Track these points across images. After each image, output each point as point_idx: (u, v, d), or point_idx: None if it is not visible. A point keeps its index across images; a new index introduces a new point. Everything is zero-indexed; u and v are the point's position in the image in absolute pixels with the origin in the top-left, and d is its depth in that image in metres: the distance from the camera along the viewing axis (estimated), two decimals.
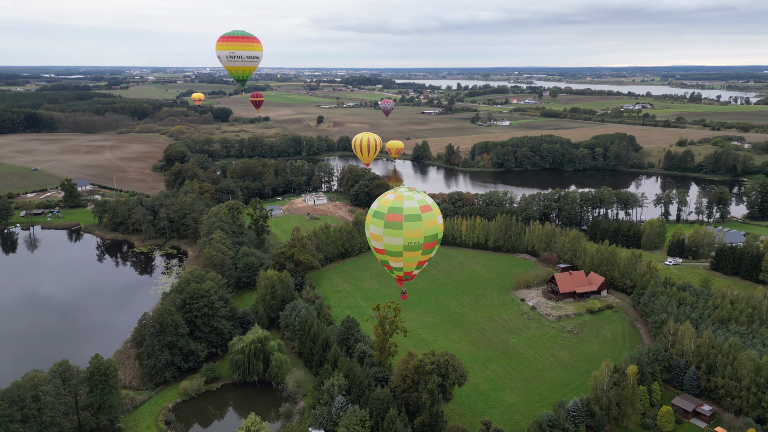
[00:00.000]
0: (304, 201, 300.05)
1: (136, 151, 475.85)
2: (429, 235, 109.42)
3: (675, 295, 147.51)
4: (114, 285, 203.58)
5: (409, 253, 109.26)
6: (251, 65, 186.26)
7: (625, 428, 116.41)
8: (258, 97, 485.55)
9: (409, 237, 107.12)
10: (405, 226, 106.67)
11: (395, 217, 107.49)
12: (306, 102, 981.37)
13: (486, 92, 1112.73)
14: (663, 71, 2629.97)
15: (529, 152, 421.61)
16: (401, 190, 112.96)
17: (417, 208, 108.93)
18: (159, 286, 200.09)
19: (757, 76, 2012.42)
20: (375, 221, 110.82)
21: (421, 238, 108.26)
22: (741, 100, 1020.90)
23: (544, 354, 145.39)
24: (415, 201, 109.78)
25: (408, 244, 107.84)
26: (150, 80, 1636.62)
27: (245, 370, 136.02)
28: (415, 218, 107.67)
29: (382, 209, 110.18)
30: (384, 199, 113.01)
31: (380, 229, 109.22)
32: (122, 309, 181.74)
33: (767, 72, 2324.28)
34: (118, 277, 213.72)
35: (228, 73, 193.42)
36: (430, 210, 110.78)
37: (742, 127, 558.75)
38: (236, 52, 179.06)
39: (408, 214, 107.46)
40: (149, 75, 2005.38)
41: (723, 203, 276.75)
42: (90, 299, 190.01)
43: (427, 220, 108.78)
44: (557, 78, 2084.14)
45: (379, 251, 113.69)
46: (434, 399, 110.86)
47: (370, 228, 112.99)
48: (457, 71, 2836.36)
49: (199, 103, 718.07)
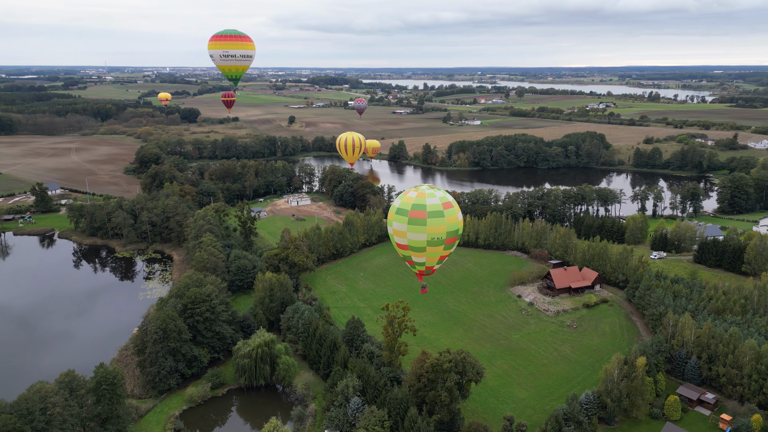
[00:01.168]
0: (287, 202, 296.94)
1: (104, 154, 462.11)
2: (451, 231, 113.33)
3: (669, 288, 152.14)
4: (100, 292, 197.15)
5: (432, 248, 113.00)
6: (244, 64, 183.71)
7: (634, 419, 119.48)
8: (229, 96, 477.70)
9: (432, 233, 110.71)
10: (428, 223, 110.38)
11: (419, 214, 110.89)
12: (274, 102, 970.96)
13: (453, 92, 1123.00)
14: (619, 71, 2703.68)
15: (504, 151, 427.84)
16: (423, 188, 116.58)
17: (439, 205, 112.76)
18: (147, 292, 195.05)
19: (708, 75, 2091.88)
20: (398, 218, 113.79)
21: (443, 233, 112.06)
22: (697, 99, 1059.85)
23: (547, 349, 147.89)
24: (437, 198, 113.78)
25: (431, 240, 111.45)
26: (108, 80, 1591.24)
27: (252, 374, 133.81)
28: (438, 215, 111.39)
29: (406, 206, 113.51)
30: (406, 196, 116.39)
31: (404, 225, 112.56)
32: (112, 317, 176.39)
33: (718, 72, 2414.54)
34: (102, 284, 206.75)
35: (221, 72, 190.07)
36: (451, 207, 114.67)
37: (703, 124, 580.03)
38: (230, 51, 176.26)
39: (431, 210, 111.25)
40: (106, 75, 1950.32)
41: (695, 198, 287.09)
42: (78, 307, 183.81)
43: (449, 217, 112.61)
44: (520, 78, 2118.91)
45: (402, 247, 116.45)
46: (453, 396, 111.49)
47: (393, 225, 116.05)
48: (421, 71, 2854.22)
49: (166, 103, 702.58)
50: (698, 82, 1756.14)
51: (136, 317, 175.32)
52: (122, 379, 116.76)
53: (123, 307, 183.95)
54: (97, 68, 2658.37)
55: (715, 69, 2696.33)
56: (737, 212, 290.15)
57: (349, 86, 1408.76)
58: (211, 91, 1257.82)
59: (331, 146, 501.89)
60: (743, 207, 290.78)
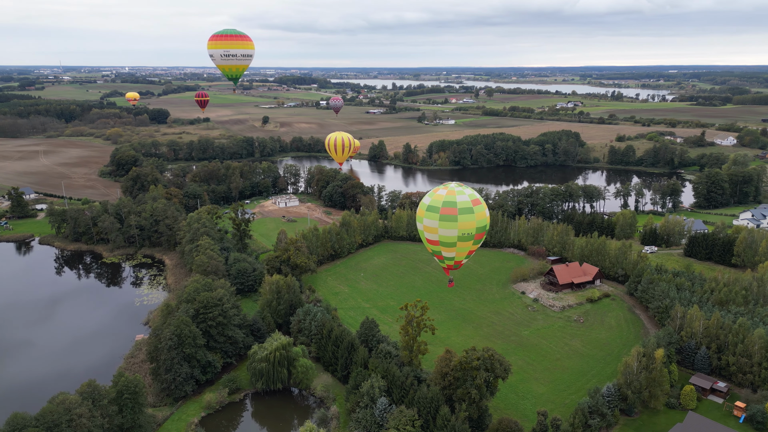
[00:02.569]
0: (275, 203, 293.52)
1: (75, 156, 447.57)
2: (480, 226, 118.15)
3: (672, 281, 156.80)
4: (93, 300, 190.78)
5: (462, 243, 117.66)
6: (245, 63, 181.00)
7: (652, 409, 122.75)
8: (203, 96, 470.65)
9: (463, 228, 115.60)
10: (459, 219, 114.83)
11: (450, 211, 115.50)
12: (243, 102, 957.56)
13: (423, 92, 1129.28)
14: (580, 71, 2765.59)
15: (483, 150, 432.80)
16: (452, 186, 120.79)
17: (469, 202, 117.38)
18: (143, 298, 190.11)
19: (665, 75, 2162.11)
20: (430, 215, 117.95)
21: (473, 229, 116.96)
22: (658, 98, 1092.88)
23: (558, 344, 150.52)
24: (466, 195, 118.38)
25: (462, 235, 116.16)
26: (66, 80, 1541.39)
27: (269, 378, 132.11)
28: (468, 211, 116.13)
29: (436, 203, 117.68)
30: (436, 194, 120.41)
31: (435, 222, 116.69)
32: (111, 325, 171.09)
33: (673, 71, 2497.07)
34: (93, 291, 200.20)
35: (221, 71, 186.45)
36: (479, 203, 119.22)
37: (669, 122, 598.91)
38: (231, 51, 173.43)
39: (461, 207, 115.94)
40: (63, 75, 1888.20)
41: (675, 194, 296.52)
42: (73, 316, 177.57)
43: (478, 213, 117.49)
44: (485, 78, 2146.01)
45: (433, 242, 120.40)
46: (482, 394, 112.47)
47: (424, 221, 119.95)
48: (387, 71, 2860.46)
49: (134, 103, 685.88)
50: (656, 81, 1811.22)
51: (135, 324, 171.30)
52: (143, 387, 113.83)
53: (120, 314, 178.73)
54: (51, 68, 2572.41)
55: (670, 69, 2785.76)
56: (713, 207, 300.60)
57: (318, 86, 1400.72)
58: (177, 91, 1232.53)
59: (310, 146, 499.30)
60: (719, 202, 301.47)
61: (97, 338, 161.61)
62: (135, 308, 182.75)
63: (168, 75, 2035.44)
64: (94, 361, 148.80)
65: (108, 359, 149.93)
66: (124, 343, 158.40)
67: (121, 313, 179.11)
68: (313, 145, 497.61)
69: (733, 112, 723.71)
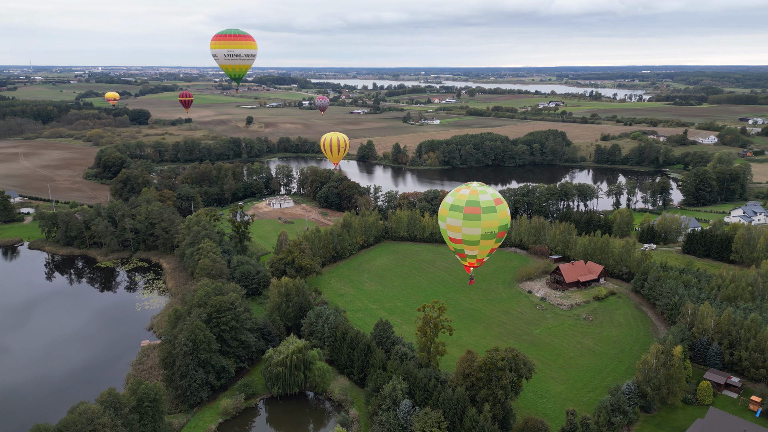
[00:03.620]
0: (270, 205, 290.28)
1: (56, 158, 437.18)
2: (502, 225, 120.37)
3: (679, 278, 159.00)
4: (91, 305, 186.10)
5: (485, 242, 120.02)
6: (248, 63, 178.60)
7: (670, 405, 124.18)
8: (187, 96, 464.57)
9: (486, 227, 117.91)
10: (483, 218, 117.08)
11: (473, 210, 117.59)
12: (224, 102, 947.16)
13: (405, 92, 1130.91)
14: (556, 71, 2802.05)
15: (472, 150, 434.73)
16: (474, 185, 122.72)
17: (491, 201, 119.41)
18: (144, 303, 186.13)
19: (639, 75, 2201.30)
20: (453, 214, 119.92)
21: (496, 227, 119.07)
22: (635, 98, 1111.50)
23: (570, 342, 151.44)
24: (488, 195, 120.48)
25: (485, 234, 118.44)
26: (38, 80, 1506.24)
27: (286, 382, 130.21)
28: (491, 210, 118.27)
29: (460, 203, 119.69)
30: (459, 193, 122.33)
31: (459, 221, 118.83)
32: (113, 331, 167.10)
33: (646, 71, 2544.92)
34: (91, 296, 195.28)
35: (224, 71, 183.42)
36: (501, 202, 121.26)
37: (650, 122, 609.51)
38: (235, 51, 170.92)
39: (485, 206, 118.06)
40: (34, 75, 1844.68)
41: (665, 192, 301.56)
42: (73, 323, 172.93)
43: (500, 212, 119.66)
44: (463, 78, 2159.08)
45: (456, 241, 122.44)
46: (507, 394, 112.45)
47: (447, 220, 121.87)
48: (365, 71, 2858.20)
49: (114, 103, 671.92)
50: (631, 81, 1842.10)
51: (139, 330, 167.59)
52: (163, 395, 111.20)
53: (121, 320, 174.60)
54: (21, 68, 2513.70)
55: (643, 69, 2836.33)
56: (702, 204, 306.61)
57: (298, 86, 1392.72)
58: (154, 91, 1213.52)
59: (297, 147, 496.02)
60: (707, 199, 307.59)
61: (100, 345, 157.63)
62: (136, 313, 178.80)
63: (143, 75, 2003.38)
64: (100, 368, 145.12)
65: (114, 366, 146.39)
66: (129, 350, 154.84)
67: (122, 319, 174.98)
68: (300, 145, 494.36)
69: (711, 111, 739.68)
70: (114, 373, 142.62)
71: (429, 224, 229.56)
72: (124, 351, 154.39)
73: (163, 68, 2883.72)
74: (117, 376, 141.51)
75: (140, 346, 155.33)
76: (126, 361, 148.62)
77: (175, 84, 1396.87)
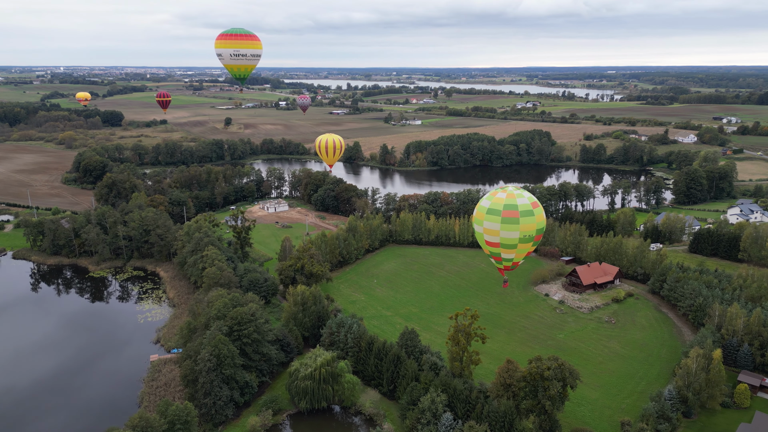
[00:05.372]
0: (264, 209, 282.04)
1: (30, 162, 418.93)
2: (539, 228, 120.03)
3: (700, 279, 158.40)
4: (89, 318, 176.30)
5: (523, 245, 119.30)
6: (253, 63, 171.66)
7: (708, 410, 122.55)
8: (165, 96, 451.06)
9: (524, 231, 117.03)
10: (521, 221, 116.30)
11: (512, 213, 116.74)
12: (198, 103, 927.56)
13: (381, 92, 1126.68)
14: (524, 72, 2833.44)
15: (460, 150, 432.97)
16: (510, 189, 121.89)
17: (529, 205, 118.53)
18: (146, 314, 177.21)
19: (606, 75, 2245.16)
20: (491, 218, 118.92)
21: (534, 231, 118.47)
22: (607, 98, 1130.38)
23: (596, 346, 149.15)
24: (525, 198, 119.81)
25: (523, 237, 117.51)
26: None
27: (314, 396, 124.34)
28: (529, 213, 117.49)
29: (497, 206, 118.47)
30: (496, 197, 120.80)
31: (497, 224, 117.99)
32: (119, 345, 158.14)
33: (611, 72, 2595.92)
34: (87, 308, 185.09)
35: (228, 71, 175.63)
36: (538, 206, 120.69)
37: (629, 121, 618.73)
38: (240, 50, 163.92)
39: (523, 210, 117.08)
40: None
41: (658, 191, 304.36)
42: (73, 338, 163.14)
43: (537, 215, 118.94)
44: (435, 78, 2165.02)
45: (493, 245, 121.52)
46: (555, 405, 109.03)
47: (484, 224, 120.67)
48: (336, 71, 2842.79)
49: (86, 104, 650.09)
50: (599, 81, 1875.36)
51: (145, 343, 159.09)
52: (195, 416, 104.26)
53: (124, 333, 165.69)
54: None
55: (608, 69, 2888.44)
56: (692, 202, 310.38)
57: (272, 86, 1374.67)
58: (123, 92, 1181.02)
59: (281, 148, 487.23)
60: (697, 198, 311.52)
61: (105, 361, 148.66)
62: (139, 326, 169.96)
63: (108, 75, 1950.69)
64: (111, 387, 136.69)
65: (125, 383, 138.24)
66: (138, 365, 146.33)
67: (124, 332, 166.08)
68: (284, 146, 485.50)
69: (684, 110, 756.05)
70: (126, 392, 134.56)
71: (435, 227, 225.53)
72: (133, 367, 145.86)
73: (128, 68, 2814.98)
74: (129, 395, 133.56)
75: (149, 361, 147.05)
76: (137, 378, 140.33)
77: (144, 84, 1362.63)
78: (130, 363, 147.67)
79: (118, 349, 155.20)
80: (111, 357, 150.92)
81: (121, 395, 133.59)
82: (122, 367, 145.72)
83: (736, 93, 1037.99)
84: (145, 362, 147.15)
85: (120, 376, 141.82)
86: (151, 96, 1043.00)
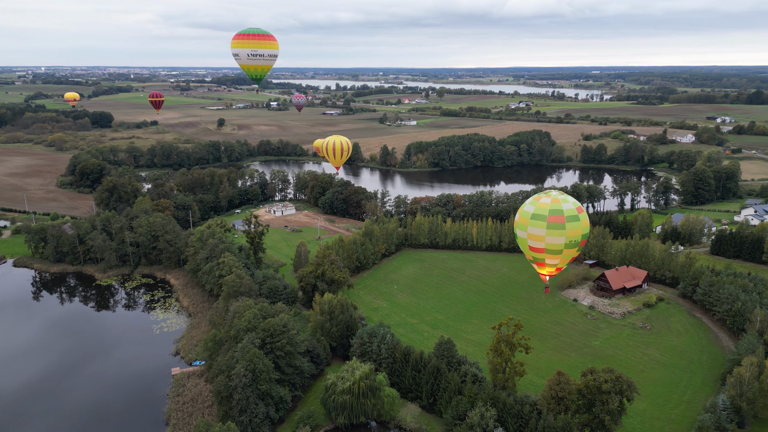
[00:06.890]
0: (271, 212, 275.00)
1: (21, 165, 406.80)
2: (584, 234, 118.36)
3: (735, 283, 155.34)
4: (101, 329, 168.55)
5: (568, 251, 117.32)
6: (270, 63, 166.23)
7: (760, 419, 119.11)
8: (158, 97, 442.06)
9: (570, 236, 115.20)
10: (567, 227, 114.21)
11: (557, 219, 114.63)
12: (187, 104, 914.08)
13: (372, 92, 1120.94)
14: (510, 72, 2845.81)
15: (461, 151, 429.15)
16: (554, 194, 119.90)
17: (574, 210, 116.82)
18: (161, 324, 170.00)
19: (591, 75, 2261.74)
20: (535, 223, 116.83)
21: (579, 236, 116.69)
22: (596, 98, 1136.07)
23: (635, 353, 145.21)
24: (570, 203, 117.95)
25: (569, 243, 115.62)
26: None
27: (352, 411, 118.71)
28: (575, 219, 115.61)
29: (542, 211, 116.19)
30: (540, 202, 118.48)
31: (542, 230, 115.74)
32: (136, 358, 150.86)
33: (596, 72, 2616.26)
34: (96, 318, 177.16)
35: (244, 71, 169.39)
36: (582, 211, 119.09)
37: (624, 121, 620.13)
38: (258, 50, 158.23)
39: (568, 215, 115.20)
40: None
41: (667, 192, 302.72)
42: (86, 350, 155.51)
43: (582, 221, 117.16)
44: (423, 78, 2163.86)
45: (537, 250, 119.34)
46: (615, 419, 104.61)
47: (528, 229, 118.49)
48: (323, 71, 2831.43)
49: (74, 104, 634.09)
50: (586, 81, 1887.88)
51: (164, 356, 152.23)
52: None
53: (140, 345, 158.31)
54: None
55: (593, 69, 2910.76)
56: (700, 203, 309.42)
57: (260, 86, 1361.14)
58: (108, 92, 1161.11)
59: (279, 150, 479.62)
60: (705, 198, 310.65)
61: (123, 375, 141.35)
62: (155, 337, 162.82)
63: (91, 75, 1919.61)
64: (134, 401, 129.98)
65: (147, 399, 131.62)
66: (159, 378, 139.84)
67: (140, 344, 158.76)
68: (282, 148, 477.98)
69: (676, 110, 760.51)
70: (151, 408, 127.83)
71: (451, 231, 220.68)
72: (153, 380, 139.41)
73: (111, 68, 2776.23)
74: (154, 411, 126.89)
75: (171, 375, 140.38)
76: (160, 393, 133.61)
77: (130, 85, 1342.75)
78: (152, 377, 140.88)
79: (134, 362, 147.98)
80: (130, 371, 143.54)
81: (147, 411, 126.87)
82: (142, 381, 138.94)
83: (724, 93, 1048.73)
84: (167, 375, 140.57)
85: (140, 390, 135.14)
86: (138, 96, 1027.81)
